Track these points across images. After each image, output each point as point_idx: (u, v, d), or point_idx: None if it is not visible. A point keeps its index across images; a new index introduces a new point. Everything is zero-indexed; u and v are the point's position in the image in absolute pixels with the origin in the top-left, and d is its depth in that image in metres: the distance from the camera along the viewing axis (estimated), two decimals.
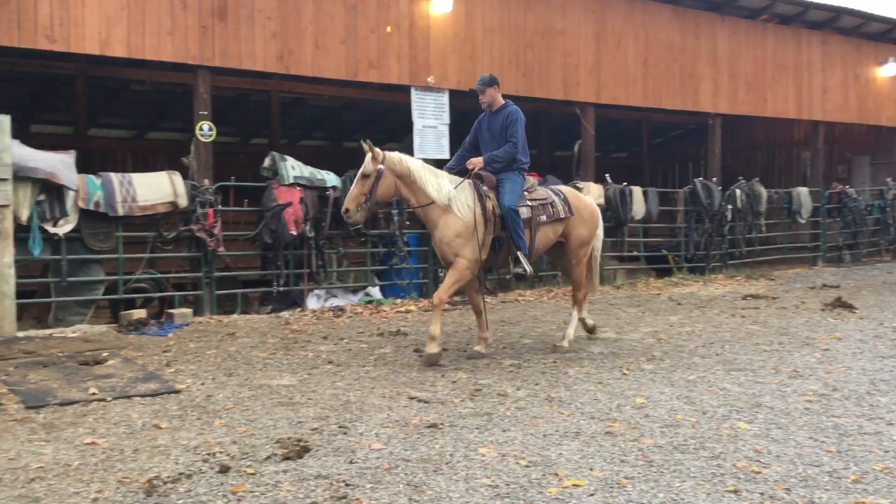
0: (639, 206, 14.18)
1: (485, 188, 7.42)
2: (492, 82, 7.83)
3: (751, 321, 9.53)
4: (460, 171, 7.63)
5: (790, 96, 17.13)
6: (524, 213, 7.49)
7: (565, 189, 8.34)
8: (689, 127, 22.91)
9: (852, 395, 5.92)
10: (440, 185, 7.26)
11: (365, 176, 7.12)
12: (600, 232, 8.44)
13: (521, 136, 7.66)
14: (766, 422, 5.24)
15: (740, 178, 16.30)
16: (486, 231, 7.27)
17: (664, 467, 4.37)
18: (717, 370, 6.80)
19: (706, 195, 14.94)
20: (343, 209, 7.30)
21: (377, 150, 7.22)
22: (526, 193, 7.65)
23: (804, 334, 8.56)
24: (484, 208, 7.28)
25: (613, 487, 4.07)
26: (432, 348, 7.07)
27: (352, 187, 7.26)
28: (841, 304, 10.49)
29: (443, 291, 7.22)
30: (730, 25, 15.97)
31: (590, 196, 8.17)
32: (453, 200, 7.21)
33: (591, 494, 3.98)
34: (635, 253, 15.13)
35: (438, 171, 7.55)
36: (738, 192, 15.61)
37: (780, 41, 16.89)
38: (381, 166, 7.14)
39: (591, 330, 8.38)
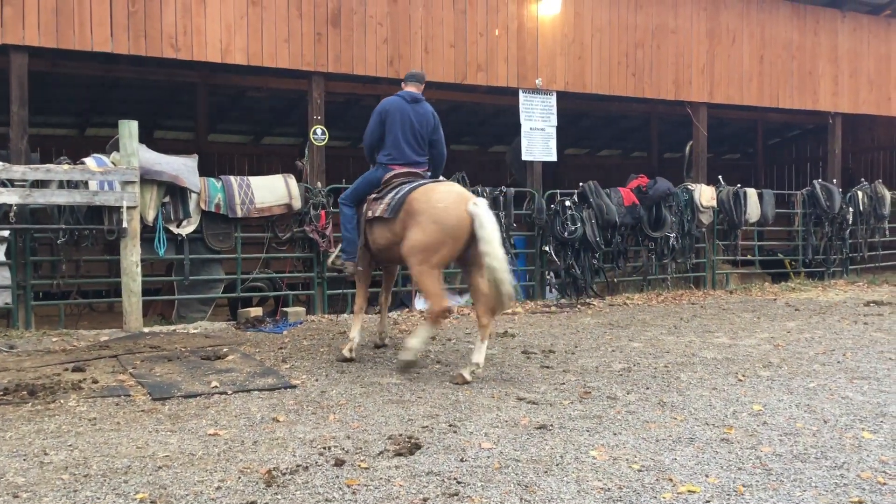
0: (753, 209, 13.75)
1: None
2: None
3: (874, 328, 9.11)
4: None
5: None
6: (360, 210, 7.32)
7: (422, 186, 6.88)
8: (806, 127, 22.05)
9: None
10: None
11: None
12: (482, 241, 6.36)
13: (368, 127, 7.58)
14: (893, 432, 5.00)
15: (863, 179, 15.59)
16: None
17: (783, 476, 4.23)
18: (838, 378, 6.54)
19: (826, 197, 14.37)
20: None
21: None
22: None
23: None
24: None
25: (730, 495, 3.98)
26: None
27: None
28: None
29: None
30: (851, 21, 15.31)
31: (476, 199, 6.62)
32: None
33: (707, 501, 3.90)
34: (749, 256, 14.68)
35: None
36: (860, 194, 14.96)
37: None
38: None
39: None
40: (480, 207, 6.49)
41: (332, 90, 13.39)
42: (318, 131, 10.61)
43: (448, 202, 6.56)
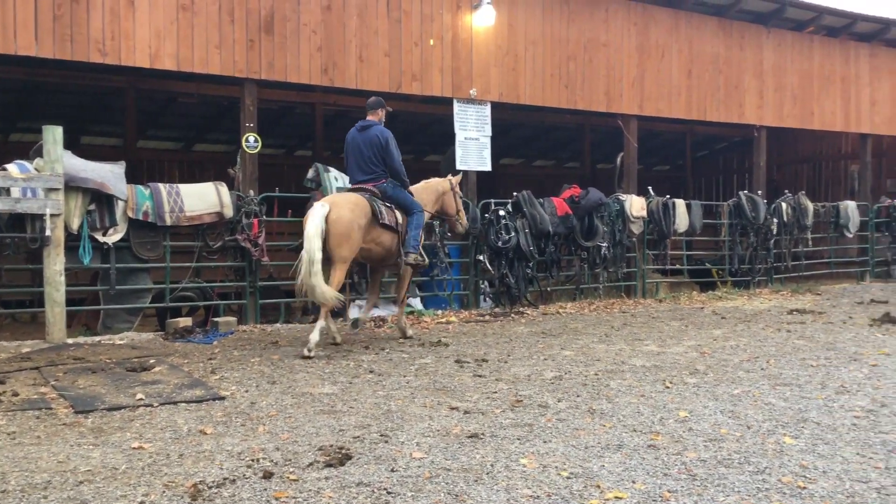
0: (682, 219, 14.06)
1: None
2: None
3: (797, 336, 9.39)
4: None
5: (837, 109, 16.89)
6: None
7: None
8: (733, 140, 22.67)
9: None
10: None
11: None
12: (306, 238, 8.07)
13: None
14: (813, 437, 5.16)
15: (787, 191, 16.09)
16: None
17: (708, 481, 4.32)
18: (762, 384, 6.71)
19: (751, 208, 14.77)
20: None
21: None
22: None
23: (851, 350, 8.41)
24: None
25: (656, 501, 4.04)
26: None
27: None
28: (890, 319, 10.30)
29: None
30: (776, 37, 15.81)
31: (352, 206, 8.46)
32: None
33: None
34: (678, 266, 15.00)
35: None
36: (784, 205, 15.42)
37: (826, 53, 16.67)
38: None
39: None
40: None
41: (265, 97, 13.29)
42: (251, 139, 10.48)
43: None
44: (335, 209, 8.22)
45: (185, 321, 9.63)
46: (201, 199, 9.74)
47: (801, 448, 4.92)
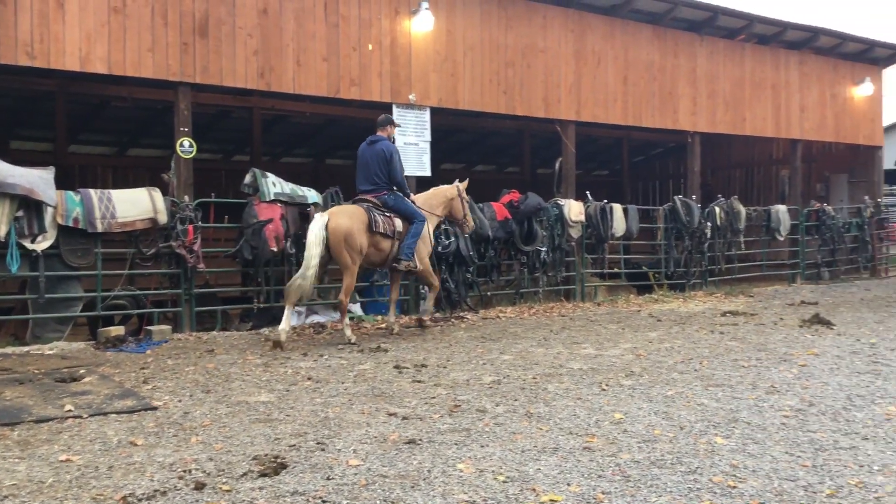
0: (619, 223, 14.27)
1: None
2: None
3: (729, 337, 9.59)
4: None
5: (768, 115, 17.34)
6: None
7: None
8: (669, 145, 23.10)
9: (828, 411, 5.96)
10: None
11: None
12: (307, 246, 9.05)
13: None
14: (743, 437, 5.26)
15: (719, 195, 16.44)
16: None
17: (641, 482, 4.38)
18: (695, 386, 6.83)
19: (686, 212, 15.06)
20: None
21: None
22: None
23: (782, 350, 8.62)
24: None
25: (590, 502, 4.08)
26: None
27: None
28: (819, 320, 10.58)
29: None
30: (708, 45, 16.17)
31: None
32: None
33: None
34: (616, 270, 15.20)
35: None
36: (717, 209, 15.75)
37: (758, 61, 17.10)
38: None
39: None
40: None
41: (201, 101, 13.08)
42: (186, 143, 10.31)
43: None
44: (333, 218, 9.06)
45: (117, 330, 9.41)
46: (134, 204, 9.54)
47: (731, 448, 5.02)
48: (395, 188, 9.70)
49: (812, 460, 4.77)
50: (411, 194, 10.10)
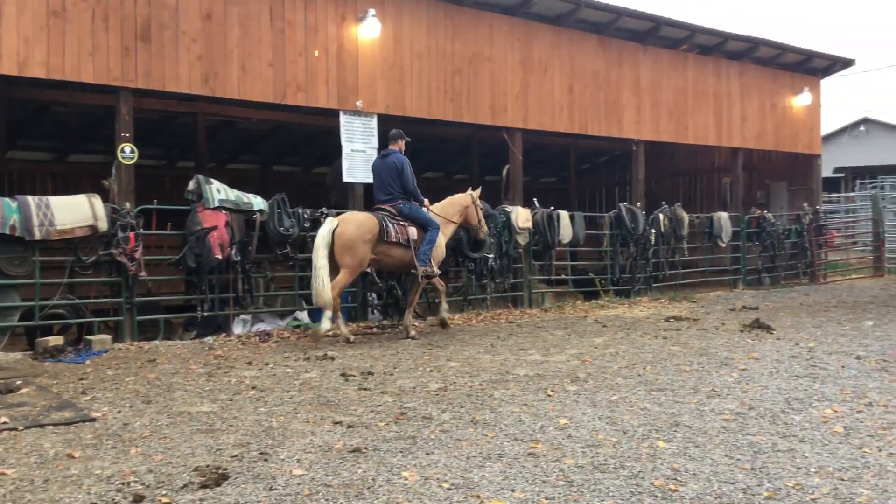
0: (566, 230, 14.38)
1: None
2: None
3: (672, 342, 9.74)
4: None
5: (710, 124, 17.68)
6: None
7: None
8: (615, 153, 23.41)
9: (767, 414, 6.09)
10: None
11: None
12: (314, 248, 9.79)
13: None
14: (685, 440, 5.35)
15: (663, 203, 16.69)
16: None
17: (584, 487, 4.42)
18: (638, 391, 6.92)
19: (631, 219, 15.25)
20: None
21: None
22: None
23: (723, 355, 8.78)
24: None
25: None
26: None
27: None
28: (759, 325, 10.81)
29: None
30: (652, 55, 16.43)
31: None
32: None
33: None
34: (563, 276, 15.33)
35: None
36: (661, 216, 15.98)
37: (700, 71, 17.44)
38: None
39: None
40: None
41: (144, 106, 12.87)
42: (127, 149, 10.12)
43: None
44: (341, 225, 9.77)
45: (55, 340, 9.19)
46: (73, 211, 9.32)
47: (673, 451, 5.10)
48: (408, 197, 10.33)
49: (751, 463, 4.87)
50: (426, 202, 10.64)
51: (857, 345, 9.37)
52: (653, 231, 15.63)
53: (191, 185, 10.58)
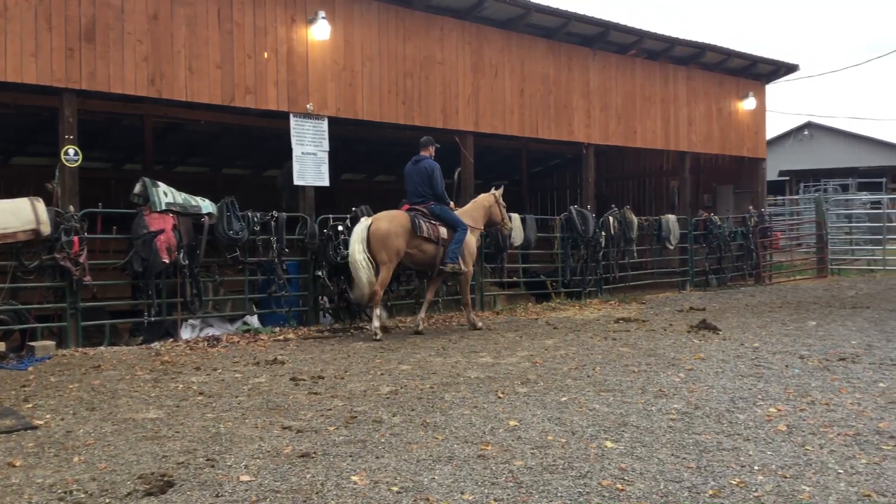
0: (518, 233, 14.46)
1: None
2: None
3: (622, 343, 9.85)
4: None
5: (658, 128, 17.93)
6: None
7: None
8: (566, 157, 23.57)
9: (713, 413, 6.19)
10: None
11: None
12: (350, 243, 10.77)
13: None
14: (632, 440, 5.41)
15: (613, 205, 16.88)
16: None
17: (533, 488, 4.44)
18: (587, 391, 6.98)
19: (581, 222, 15.39)
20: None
21: None
22: None
23: (671, 355, 8.90)
24: None
25: None
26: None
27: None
28: (706, 326, 10.98)
29: None
30: (601, 59, 16.62)
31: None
32: None
33: None
34: (515, 279, 15.41)
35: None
36: (611, 219, 16.16)
37: (648, 75, 17.69)
38: None
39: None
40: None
41: (89, 108, 12.64)
42: (71, 152, 9.93)
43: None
44: (376, 222, 10.68)
45: None
46: (15, 215, 9.10)
47: (620, 451, 5.15)
48: (438, 199, 11.10)
49: (697, 462, 4.94)
50: (451, 203, 11.46)
51: (800, 344, 9.58)
52: (603, 233, 15.79)
53: (137, 188, 10.41)
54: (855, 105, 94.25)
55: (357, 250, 10.50)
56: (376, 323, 10.46)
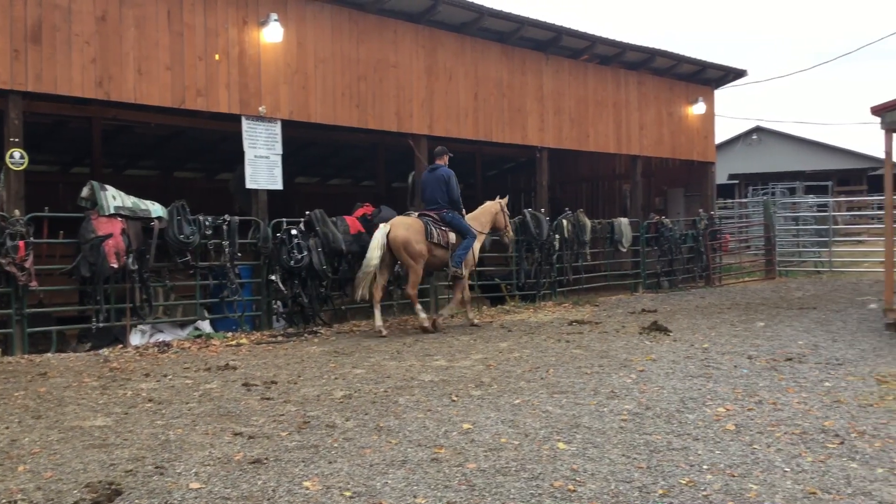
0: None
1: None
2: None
3: (575, 346, 9.93)
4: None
5: (610, 132, 18.14)
6: None
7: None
8: (520, 160, 23.72)
9: (663, 413, 6.27)
10: None
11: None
12: (369, 248, 11.29)
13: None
14: (584, 441, 5.46)
15: (567, 208, 17.02)
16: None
17: (486, 490, 4.46)
18: (541, 393, 7.03)
19: (535, 225, 15.48)
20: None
21: None
22: None
23: (622, 357, 9.00)
24: None
25: None
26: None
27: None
28: (657, 327, 11.13)
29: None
30: (554, 64, 16.76)
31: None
32: None
33: None
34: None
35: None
36: (564, 222, 16.28)
37: (600, 80, 17.89)
38: None
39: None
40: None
41: (35, 110, 12.39)
42: (16, 155, 9.71)
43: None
44: (393, 229, 11.22)
45: None
46: None
47: (573, 452, 5.20)
48: (452, 206, 11.69)
49: (647, 462, 5.01)
50: (462, 210, 11.97)
51: (748, 345, 9.76)
52: (557, 236, 15.90)
53: (84, 192, 10.23)
54: (802, 110, 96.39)
55: (374, 256, 11.04)
56: (379, 322, 11.12)
